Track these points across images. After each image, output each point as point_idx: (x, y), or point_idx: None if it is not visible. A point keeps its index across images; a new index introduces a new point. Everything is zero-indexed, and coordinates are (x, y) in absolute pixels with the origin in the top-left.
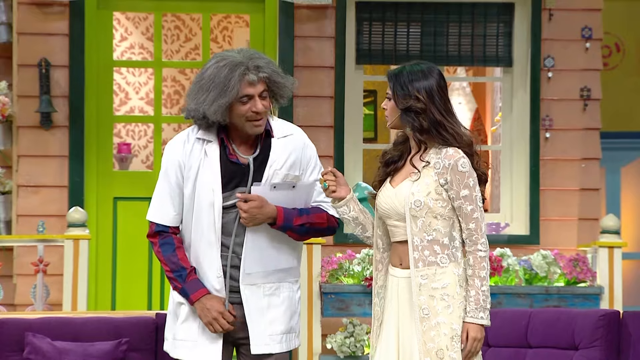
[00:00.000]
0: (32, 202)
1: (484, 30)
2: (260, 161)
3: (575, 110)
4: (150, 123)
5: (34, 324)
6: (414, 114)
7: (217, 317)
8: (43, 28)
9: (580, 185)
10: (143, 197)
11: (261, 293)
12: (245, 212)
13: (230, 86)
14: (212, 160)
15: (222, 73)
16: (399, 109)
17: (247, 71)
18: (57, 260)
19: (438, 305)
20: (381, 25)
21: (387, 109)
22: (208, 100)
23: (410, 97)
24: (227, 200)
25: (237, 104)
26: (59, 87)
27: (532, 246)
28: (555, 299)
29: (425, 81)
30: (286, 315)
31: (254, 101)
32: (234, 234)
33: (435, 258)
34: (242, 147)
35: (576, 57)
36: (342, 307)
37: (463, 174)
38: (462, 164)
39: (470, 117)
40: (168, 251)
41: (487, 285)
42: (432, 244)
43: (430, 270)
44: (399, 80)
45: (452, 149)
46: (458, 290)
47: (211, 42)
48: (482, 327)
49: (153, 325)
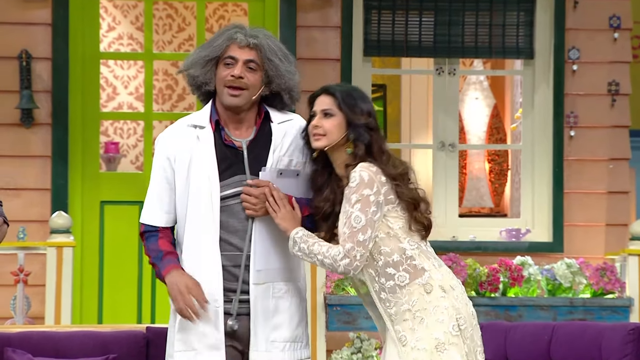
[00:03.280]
0: (12, 207)
1: (503, 19)
2: (260, 147)
3: (603, 106)
4: (140, 120)
5: (14, 338)
6: (368, 130)
7: (183, 292)
8: (23, 17)
9: (608, 187)
10: (132, 200)
11: (270, 294)
12: (255, 198)
13: (216, 42)
14: (206, 145)
15: (218, 32)
16: (351, 125)
17: (238, 32)
18: (39, 269)
19: (413, 325)
20: (391, 13)
21: (322, 127)
22: (194, 52)
23: (364, 113)
24: (225, 190)
25: (221, 66)
26: (41, 81)
27: (555, 254)
28: (580, 312)
29: (369, 103)
30: (293, 322)
31: (235, 66)
32: (240, 228)
33: (394, 280)
34: (236, 132)
35: (603, 48)
36: (349, 320)
37: (349, 188)
38: (352, 178)
39: (488, 113)
40: (151, 241)
41: (312, 254)
42: (384, 268)
43: (395, 297)
44: (348, 95)
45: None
46: (427, 299)
47: (206, 33)
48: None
49: (143, 340)
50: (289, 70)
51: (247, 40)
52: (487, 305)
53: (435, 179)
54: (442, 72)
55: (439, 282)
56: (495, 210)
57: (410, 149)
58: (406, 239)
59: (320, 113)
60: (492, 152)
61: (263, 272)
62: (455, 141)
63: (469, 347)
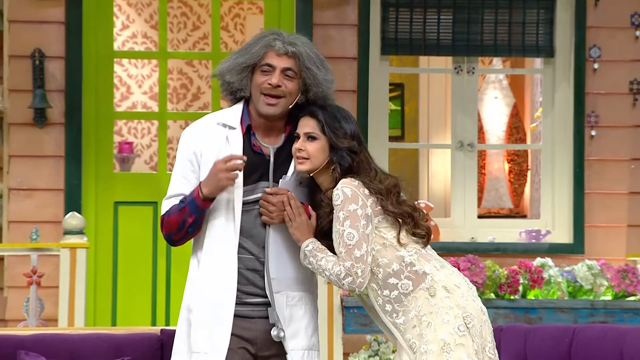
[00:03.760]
0: (25, 207)
1: (523, 17)
2: (286, 154)
3: (624, 105)
4: (154, 120)
5: (27, 341)
6: (351, 153)
7: (217, 167)
8: (37, 15)
9: (630, 188)
10: (146, 201)
11: (284, 302)
12: (273, 206)
13: (254, 49)
14: (235, 148)
15: (255, 38)
16: (334, 149)
17: (277, 40)
18: (52, 271)
19: (421, 330)
20: (409, 11)
21: (306, 150)
22: (231, 57)
23: (348, 136)
24: (248, 195)
25: (258, 72)
26: (54, 80)
27: (576, 256)
28: (601, 314)
29: (353, 124)
30: (309, 330)
31: (273, 74)
32: (255, 234)
33: (398, 290)
34: (266, 139)
35: (625, 46)
36: (366, 322)
37: (335, 206)
38: (335, 196)
39: (508, 113)
40: (169, 214)
41: (321, 270)
42: (385, 280)
43: (401, 306)
44: (331, 118)
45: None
46: (432, 302)
47: (221, 31)
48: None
49: (158, 342)
50: (327, 79)
51: (285, 49)
52: (506, 308)
53: (453, 179)
54: (460, 71)
55: (442, 282)
56: (514, 211)
57: (428, 149)
58: (403, 247)
59: (304, 136)
60: (511, 152)
61: (277, 280)
62: (474, 141)
63: (478, 344)
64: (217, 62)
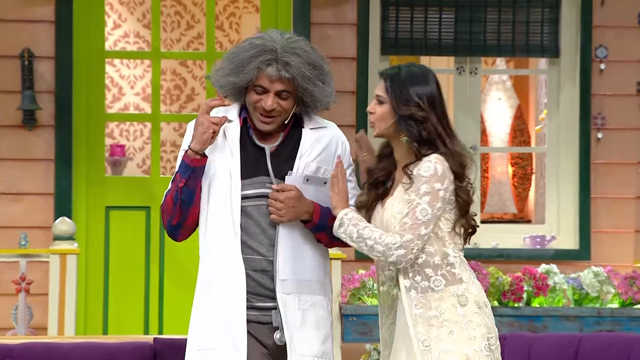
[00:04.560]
0: (13, 212)
1: (527, 16)
2: (287, 150)
3: (631, 107)
4: (147, 122)
5: (16, 350)
6: (415, 122)
7: (201, 113)
8: (25, 14)
9: (637, 192)
10: (139, 206)
11: (296, 306)
12: (281, 203)
13: (247, 70)
14: (232, 140)
15: (249, 53)
16: (397, 115)
17: (271, 63)
18: (42, 277)
19: (440, 334)
20: (409, 10)
21: (375, 114)
22: (223, 71)
23: (411, 103)
24: (246, 189)
25: (251, 91)
26: (43, 81)
27: (582, 262)
28: (608, 323)
29: (426, 86)
30: (320, 336)
31: (267, 97)
32: (262, 231)
33: (429, 282)
34: (263, 140)
35: (633, 46)
36: (365, 331)
37: (420, 177)
38: (425, 167)
39: (512, 114)
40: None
41: (361, 239)
42: (422, 267)
43: (424, 298)
44: (398, 82)
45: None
46: (460, 311)
47: (216, 30)
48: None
49: (151, 351)
50: (325, 93)
51: (278, 74)
52: (510, 316)
53: None
54: (463, 72)
55: (475, 297)
56: (518, 216)
57: None
58: (451, 245)
59: (375, 98)
60: (515, 155)
61: (288, 282)
62: (477, 143)
63: None
64: (211, 62)
